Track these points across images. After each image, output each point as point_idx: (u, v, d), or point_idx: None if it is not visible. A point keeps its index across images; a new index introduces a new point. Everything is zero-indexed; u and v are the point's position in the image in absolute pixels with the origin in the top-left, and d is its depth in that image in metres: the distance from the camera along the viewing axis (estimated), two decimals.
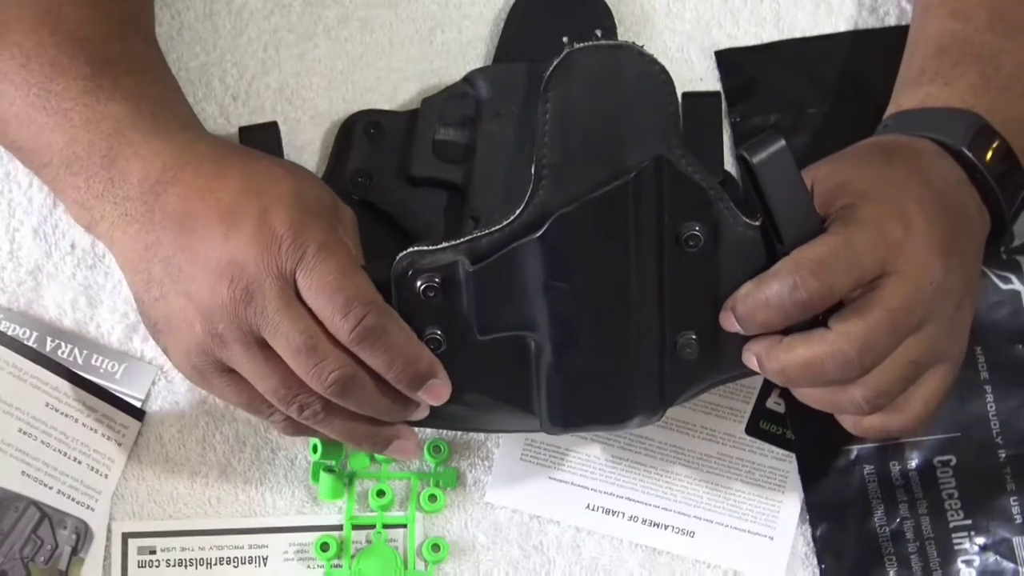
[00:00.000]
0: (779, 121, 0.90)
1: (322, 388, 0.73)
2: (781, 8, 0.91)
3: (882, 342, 0.73)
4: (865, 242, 0.73)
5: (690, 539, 0.85)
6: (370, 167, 0.86)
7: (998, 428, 0.86)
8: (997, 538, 0.85)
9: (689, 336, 0.76)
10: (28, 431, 0.84)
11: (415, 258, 0.74)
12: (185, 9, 0.90)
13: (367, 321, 0.72)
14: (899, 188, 0.75)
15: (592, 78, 0.74)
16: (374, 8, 0.90)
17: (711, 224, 0.74)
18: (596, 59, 0.74)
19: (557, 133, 0.74)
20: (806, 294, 0.72)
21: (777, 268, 0.73)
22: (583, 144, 0.74)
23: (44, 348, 0.85)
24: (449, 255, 0.74)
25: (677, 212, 0.74)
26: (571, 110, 0.74)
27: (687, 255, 0.74)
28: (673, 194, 0.74)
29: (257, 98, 0.89)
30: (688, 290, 0.75)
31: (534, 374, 0.76)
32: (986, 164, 0.78)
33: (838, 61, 0.91)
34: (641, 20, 0.91)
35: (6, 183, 0.87)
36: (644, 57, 0.74)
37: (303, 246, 0.71)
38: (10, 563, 0.82)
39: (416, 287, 0.74)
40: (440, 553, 0.84)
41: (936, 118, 0.80)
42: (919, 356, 0.74)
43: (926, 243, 0.74)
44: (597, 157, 0.74)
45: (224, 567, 0.84)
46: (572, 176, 0.74)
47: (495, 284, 0.74)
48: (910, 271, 0.73)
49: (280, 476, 0.85)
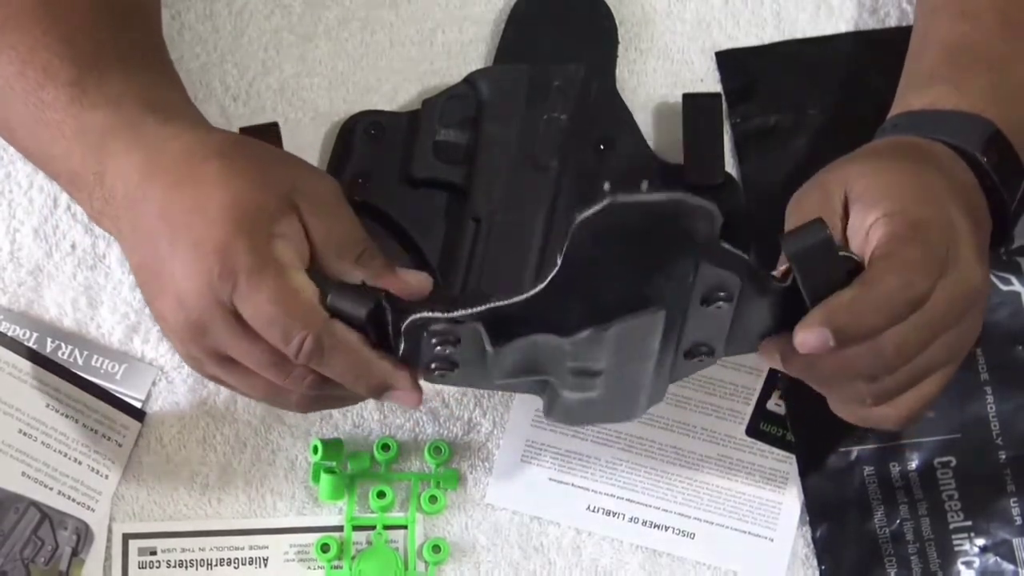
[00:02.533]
0: (779, 122, 0.90)
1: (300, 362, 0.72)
2: (781, 9, 0.91)
3: (918, 345, 0.72)
4: (938, 239, 0.72)
5: (690, 540, 0.85)
6: (370, 168, 0.86)
7: (998, 429, 0.86)
8: (997, 539, 0.85)
9: (700, 347, 0.73)
10: (28, 432, 0.84)
11: (428, 323, 0.70)
12: (185, 9, 0.90)
13: (307, 347, 0.71)
14: (939, 191, 0.75)
15: (631, 236, 0.67)
16: (375, 9, 0.90)
17: (737, 289, 0.70)
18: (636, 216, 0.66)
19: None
20: (920, 290, 0.71)
21: (880, 270, 0.71)
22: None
23: (44, 349, 0.85)
24: (466, 327, 0.70)
25: (706, 286, 0.70)
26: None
27: (708, 312, 0.71)
28: (703, 271, 0.69)
29: (257, 98, 0.89)
30: (705, 331, 0.73)
31: (546, 388, 0.76)
32: (999, 174, 0.78)
33: (838, 62, 0.91)
34: (641, 21, 0.91)
35: (6, 183, 0.87)
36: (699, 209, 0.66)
37: (232, 275, 0.70)
38: (10, 564, 0.82)
39: (431, 341, 0.70)
40: (440, 554, 0.84)
41: (949, 121, 0.79)
42: (935, 360, 0.74)
43: (971, 249, 0.74)
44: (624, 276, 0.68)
45: (224, 568, 0.84)
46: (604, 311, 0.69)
47: (516, 355, 0.71)
48: (958, 277, 0.73)
49: (280, 477, 0.85)
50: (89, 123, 0.75)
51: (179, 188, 0.72)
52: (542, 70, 0.86)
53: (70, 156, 0.75)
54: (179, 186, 0.72)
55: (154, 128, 0.75)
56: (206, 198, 0.71)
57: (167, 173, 0.73)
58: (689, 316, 0.71)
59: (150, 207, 0.73)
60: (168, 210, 0.72)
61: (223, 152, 0.73)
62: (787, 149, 0.89)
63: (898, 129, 0.80)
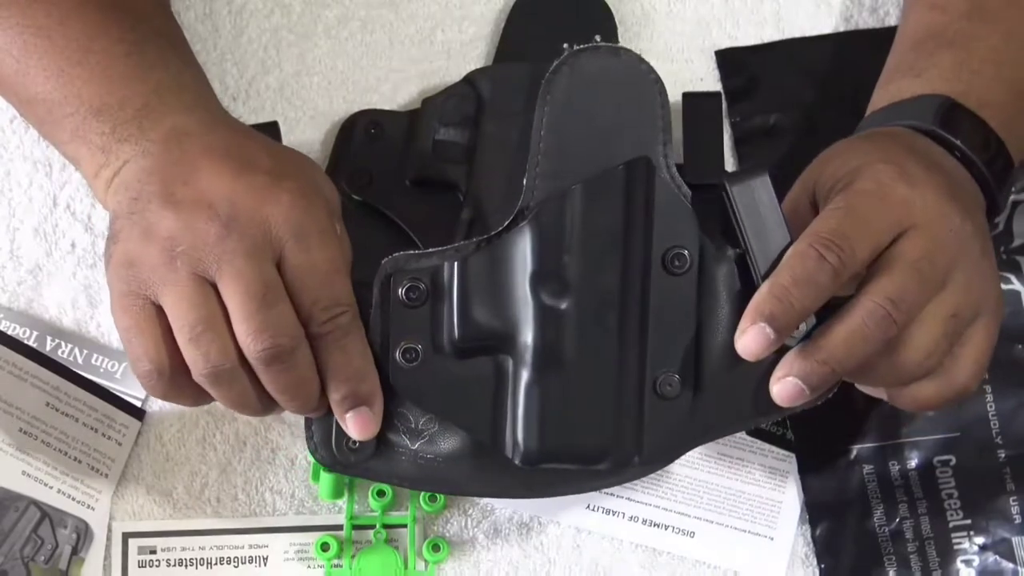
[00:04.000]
0: (779, 121, 0.90)
1: (254, 346, 0.71)
2: (781, 8, 0.91)
3: (912, 293, 0.71)
4: (871, 205, 0.72)
5: (690, 539, 0.85)
6: (370, 167, 0.86)
7: (998, 428, 0.86)
8: (996, 538, 0.85)
9: (670, 374, 0.74)
10: (29, 431, 0.84)
11: (400, 262, 0.74)
12: (185, 9, 0.90)
13: (342, 321, 0.72)
14: (889, 152, 0.75)
15: (590, 80, 0.74)
16: (375, 8, 0.90)
17: (696, 247, 0.73)
18: (595, 61, 0.74)
19: (552, 137, 0.74)
20: (833, 261, 0.70)
21: (792, 251, 0.71)
22: (577, 147, 0.74)
23: (44, 348, 0.85)
24: (435, 260, 0.74)
25: (664, 227, 0.73)
26: (567, 115, 0.74)
27: (672, 279, 0.73)
28: (661, 207, 0.73)
29: (257, 98, 0.89)
30: (671, 323, 0.74)
31: (508, 399, 0.74)
32: (963, 140, 0.77)
33: (838, 61, 0.91)
34: (641, 20, 0.91)
35: (6, 183, 0.87)
36: (642, 63, 0.74)
37: (298, 226, 0.72)
38: (11, 563, 0.82)
39: (399, 293, 0.73)
40: (440, 553, 0.84)
41: (904, 108, 0.79)
42: (957, 308, 0.73)
43: (935, 193, 0.73)
44: (591, 160, 0.73)
45: (224, 567, 0.84)
46: (564, 177, 0.73)
47: (482, 280, 0.73)
48: (926, 221, 0.72)
49: (280, 476, 0.85)
50: (147, 76, 0.76)
51: (255, 139, 0.75)
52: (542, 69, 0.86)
53: (108, 95, 0.75)
54: (253, 138, 0.75)
55: (214, 105, 0.77)
56: (295, 154, 0.75)
57: (232, 126, 0.75)
58: (652, 282, 0.73)
59: (207, 142, 0.73)
60: (241, 148, 0.73)
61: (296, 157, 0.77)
62: (787, 149, 0.89)
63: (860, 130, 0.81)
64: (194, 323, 0.70)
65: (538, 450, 0.74)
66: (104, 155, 0.75)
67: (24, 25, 0.76)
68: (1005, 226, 0.88)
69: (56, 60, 0.76)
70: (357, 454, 0.75)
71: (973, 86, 0.79)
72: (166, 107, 0.75)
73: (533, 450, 0.74)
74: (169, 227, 0.71)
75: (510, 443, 0.75)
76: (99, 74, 0.76)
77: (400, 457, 0.76)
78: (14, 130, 0.87)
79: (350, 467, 0.76)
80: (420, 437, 0.76)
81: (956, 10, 0.82)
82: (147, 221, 0.72)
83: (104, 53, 0.76)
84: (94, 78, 0.76)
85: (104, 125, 0.75)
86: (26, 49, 0.76)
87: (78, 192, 0.87)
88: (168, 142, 0.74)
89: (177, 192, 0.72)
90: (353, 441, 0.75)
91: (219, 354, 0.70)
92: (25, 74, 0.77)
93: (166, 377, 0.72)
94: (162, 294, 0.71)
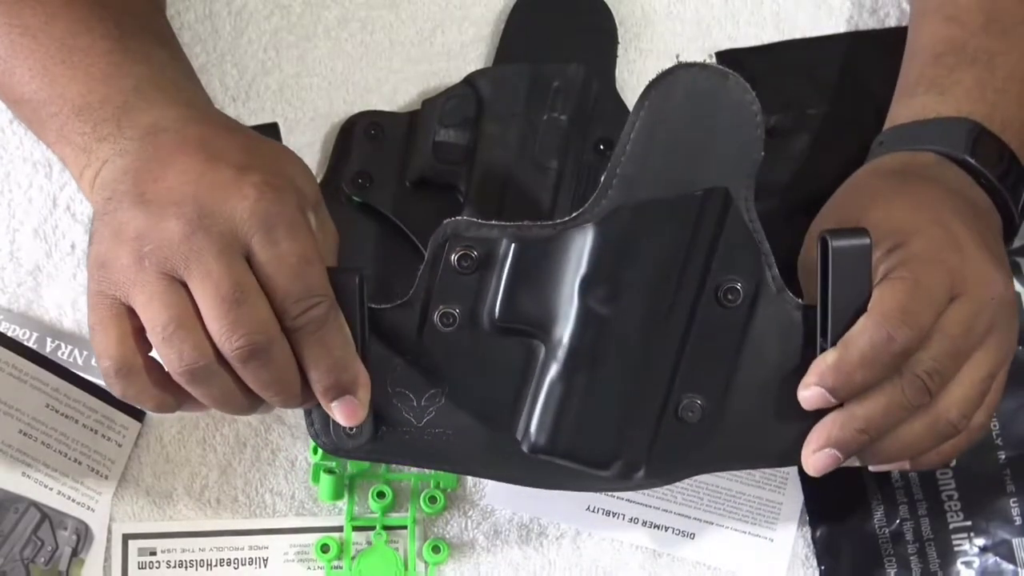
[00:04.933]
0: (779, 122, 0.90)
1: (229, 345, 0.70)
2: (781, 9, 0.91)
3: (949, 365, 0.72)
4: (933, 276, 0.72)
5: (690, 541, 0.85)
6: (370, 168, 0.86)
7: (998, 429, 0.86)
8: (997, 539, 0.85)
9: (695, 400, 0.74)
10: (28, 432, 0.84)
11: (460, 227, 0.74)
12: (185, 9, 0.90)
13: (316, 313, 0.71)
14: (933, 207, 0.75)
15: (692, 98, 0.72)
16: (374, 9, 0.90)
17: (754, 285, 0.73)
18: (701, 80, 0.72)
19: (639, 146, 0.72)
20: (902, 343, 0.71)
21: (861, 326, 0.71)
22: (662, 161, 0.72)
23: (44, 349, 0.85)
24: (496, 232, 0.74)
25: (725, 260, 0.73)
26: (661, 125, 0.72)
27: (720, 311, 0.73)
28: (728, 239, 0.73)
29: (257, 99, 0.89)
30: (709, 350, 0.73)
31: (531, 386, 0.74)
32: (991, 169, 0.78)
33: (838, 62, 0.91)
34: (641, 21, 0.91)
35: (6, 183, 0.87)
36: (747, 93, 0.72)
37: (269, 218, 0.71)
38: (10, 564, 0.82)
39: (451, 258, 0.73)
40: (440, 555, 0.84)
41: (933, 129, 0.80)
42: (991, 369, 0.74)
43: (981, 259, 0.74)
44: (671, 178, 0.72)
45: (224, 568, 0.84)
46: (642, 189, 0.72)
47: (535, 266, 0.73)
48: (973, 292, 0.73)
49: (280, 477, 0.85)
50: (129, 71, 0.75)
51: (231, 132, 0.74)
52: (542, 70, 0.86)
53: (89, 93, 0.75)
54: (231, 131, 0.74)
55: (196, 100, 0.77)
56: (271, 145, 0.74)
57: (211, 120, 0.75)
58: (700, 309, 0.73)
59: (183, 136, 0.73)
60: (213, 142, 0.73)
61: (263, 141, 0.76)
62: (787, 149, 0.89)
63: (884, 147, 0.81)
64: (166, 323, 0.70)
65: (547, 444, 0.74)
66: (86, 155, 0.75)
67: (11, 25, 0.76)
68: None
69: (41, 59, 0.76)
70: (355, 438, 0.75)
71: (997, 107, 0.79)
72: (146, 103, 0.75)
73: (542, 443, 0.74)
74: (138, 227, 0.70)
75: (522, 429, 0.75)
76: (82, 72, 0.75)
77: (404, 437, 0.75)
78: (14, 131, 0.87)
79: (351, 452, 0.76)
80: (425, 414, 0.76)
81: (973, 23, 0.82)
82: (117, 221, 0.71)
83: (87, 51, 0.76)
84: (77, 77, 0.75)
85: (85, 125, 0.75)
86: (12, 49, 0.76)
87: (78, 193, 0.87)
88: (144, 139, 0.73)
89: (147, 191, 0.71)
90: (349, 427, 0.75)
91: (193, 352, 0.70)
92: (12, 74, 0.77)
93: (124, 375, 0.71)
94: (132, 295, 0.70)
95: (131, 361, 0.71)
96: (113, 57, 0.76)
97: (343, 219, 0.78)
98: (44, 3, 0.77)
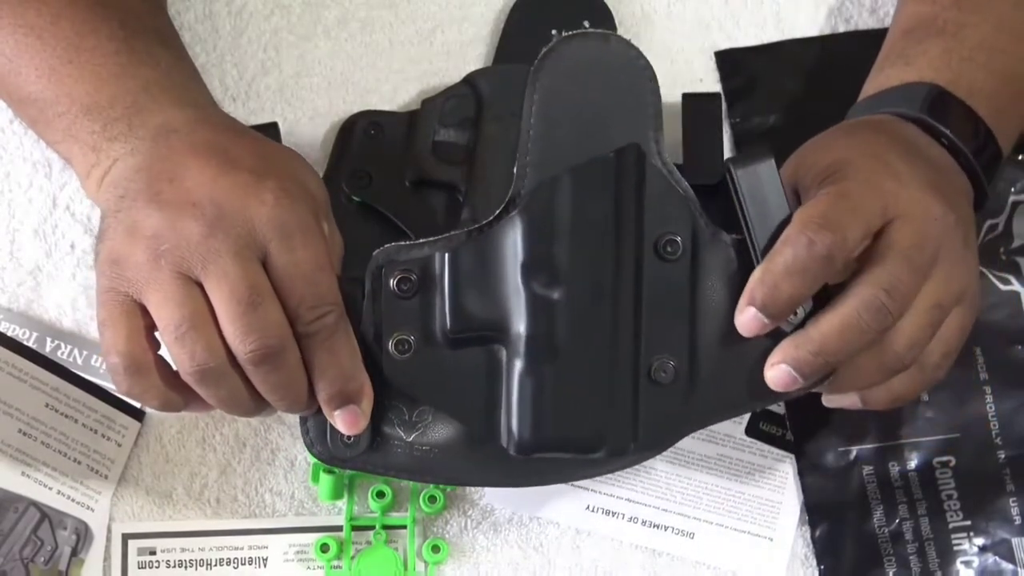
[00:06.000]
0: (779, 122, 0.90)
1: (243, 347, 0.70)
2: (781, 9, 0.91)
3: (905, 282, 0.72)
4: (861, 192, 0.72)
5: (690, 540, 0.85)
6: (370, 168, 0.86)
7: (997, 429, 0.86)
8: (996, 539, 0.85)
9: (665, 360, 0.74)
10: (28, 432, 0.84)
11: (391, 253, 0.74)
12: (185, 9, 0.90)
13: (328, 321, 0.72)
14: (875, 145, 0.75)
15: (578, 68, 0.73)
16: (374, 9, 0.90)
17: (689, 233, 0.74)
18: (584, 48, 0.74)
19: (542, 126, 0.73)
20: (823, 247, 0.70)
21: (783, 238, 0.71)
22: (566, 136, 0.73)
23: (44, 348, 0.85)
24: (426, 250, 0.74)
25: (655, 214, 0.73)
26: (555, 102, 0.73)
27: (664, 266, 0.73)
28: (653, 194, 0.73)
29: (257, 99, 0.89)
30: (665, 307, 0.74)
31: (503, 391, 0.74)
32: (951, 128, 0.77)
33: (838, 62, 0.91)
34: (641, 21, 0.91)
35: (6, 183, 0.87)
36: (631, 49, 0.74)
37: (285, 225, 0.71)
38: (10, 564, 0.82)
39: (390, 284, 0.74)
40: (440, 554, 0.84)
41: (892, 95, 0.79)
42: (939, 298, 0.73)
43: (919, 186, 0.73)
44: (580, 149, 0.73)
45: (224, 568, 0.84)
46: (555, 167, 0.73)
47: (474, 270, 0.73)
48: (911, 212, 0.72)
49: (280, 477, 0.85)
50: (135, 73, 0.76)
51: (241, 136, 0.74)
52: None
53: (97, 92, 0.75)
54: (240, 134, 0.74)
55: (203, 102, 0.77)
56: (284, 151, 0.75)
57: (220, 123, 0.75)
58: (645, 268, 0.73)
59: (195, 139, 0.73)
60: (226, 145, 0.73)
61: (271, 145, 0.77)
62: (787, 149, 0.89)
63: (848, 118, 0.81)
64: (179, 322, 0.70)
65: (533, 440, 0.74)
66: (95, 154, 0.75)
67: (16, 25, 0.77)
68: (1005, 227, 0.88)
69: (47, 59, 0.76)
70: (352, 448, 0.75)
71: (963, 74, 0.79)
72: (156, 104, 0.75)
73: (528, 440, 0.74)
74: (154, 225, 0.71)
75: (505, 433, 0.75)
76: (89, 72, 0.76)
77: (396, 449, 0.76)
78: (14, 131, 0.87)
79: (346, 461, 0.76)
80: (415, 429, 0.76)
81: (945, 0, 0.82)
82: (132, 219, 0.72)
83: (94, 51, 0.76)
84: (84, 76, 0.76)
85: (94, 124, 0.75)
86: (18, 49, 0.77)
87: (78, 193, 0.87)
88: (156, 139, 0.74)
89: (162, 190, 0.72)
90: (348, 436, 0.75)
91: (205, 352, 0.70)
92: (17, 74, 0.77)
93: (133, 372, 0.72)
94: (146, 293, 0.71)
95: (140, 358, 0.71)
96: (120, 58, 0.76)
97: (343, 218, 0.79)
98: (49, 4, 0.77)
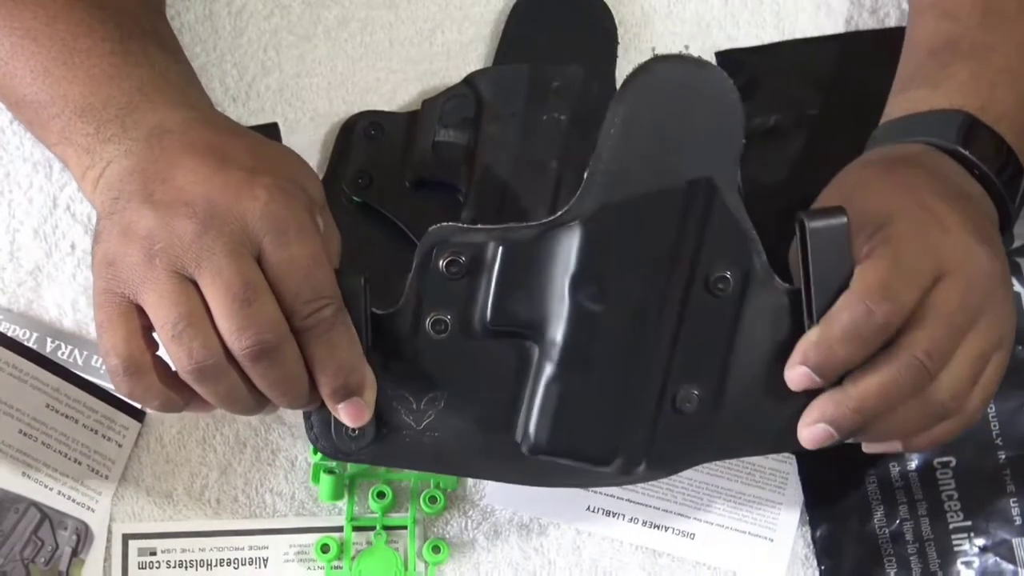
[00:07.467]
0: (779, 122, 0.90)
1: (239, 344, 0.70)
2: (781, 9, 0.91)
3: (947, 344, 0.72)
4: (914, 253, 0.72)
5: (690, 541, 0.85)
6: (370, 168, 0.86)
7: (998, 429, 0.86)
8: (997, 539, 0.85)
9: (691, 390, 0.74)
10: (28, 432, 0.84)
11: (446, 233, 0.73)
12: (185, 10, 0.90)
13: (325, 314, 0.71)
14: (916, 190, 0.75)
15: (670, 90, 0.72)
16: (374, 9, 0.90)
17: (743, 272, 0.73)
18: (678, 72, 0.72)
19: (621, 141, 0.72)
20: (882, 317, 0.71)
21: (842, 303, 0.72)
22: (644, 156, 0.72)
23: (44, 349, 0.85)
24: (482, 236, 0.73)
25: (714, 249, 0.73)
26: (640, 120, 0.72)
27: (712, 300, 0.73)
28: (715, 229, 0.72)
29: (257, 99, 0.89)
30: (703, 340, 0.74)
31: (527, 387, 0.74)
32: (983, 159, 0.78)
33: (838, 62, 0.91)
34: (641, 21, 0.91)
35: (6, 183, 0.87)
36: (726, 81, 0.72)
37: (282, 221, 0.71)
38: (10, 564, 0.82)
39: (439, 264, 0.73)
40: (440, 555, 0.84)
41: (924, 122, 0.79)
42: (983, 349, 0.74)
43: (964, 236, 0.74)
44: (655, 171, 0.72)
45: (224, 568, 0.84)
46: (626, 184, 0.72)
47: (523, 268, 0.73)
48: (960, 268, 0.73)
49: (280, 477, 0.85)
50: (130, 73, 0.75)
51: (236, 135, 0.74)
52: (542, 70, 0.86)
53: (92, 95, 0.75)
54: (236, 134, 0.74)
55: (199, 103, 0.77)
56: (277, 148, 0.75)
57: (215, 123, 0.75)
58: (691, 299, 0.72)
59: (190, 139, 0.73)
60: (220, 144, 0.73)
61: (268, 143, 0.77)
62: (787, 149, 0.89)
63: (876, 142, 0.81)
64: (175, 320, 0.70)
65: (547, 444, 0.74)
66: (89, 156, 0.75)
67: (11, 27, 0.77)
68: None
69: (42, 61, 0.76)
70: (358, 441, 0.75)
71: (991, 100, 0.79)
72: (150, 105, 0.75)
73: (542, 443, 0.74)
74: (147, 226, 0.71)
75: (521, 430, 0.75)
76: (83, 74, 0.76)
77: (404, 440, 0.75)
78: (14, 131, 0.87)
79: (352, 455, 0.76)
80: (424, 418, 0.76)
81: (969, 19, 0.82)
82: (126, 220, 0.72)
83: (88, 52, 0.76)
84: (79, 78, 0.76)
85: (88, 126, 0.75)
86: (13, 51, 0.76)
87: (78, 193, 0.87)
88: (150, 140, 0.74)
89: (156, 191, 0.72)
90: (353, 429, 0.75)
91: (202, 350, 0.70)
92: (13, 76, 0.77)
93: (132, 373, 0.71)
94: (142, 292, 0.71)
95: (139, 359, 0.71)
96: (115, 59, 0.76)
97: (343, 219, 0.78)
98: (45, 6, 0.77)
